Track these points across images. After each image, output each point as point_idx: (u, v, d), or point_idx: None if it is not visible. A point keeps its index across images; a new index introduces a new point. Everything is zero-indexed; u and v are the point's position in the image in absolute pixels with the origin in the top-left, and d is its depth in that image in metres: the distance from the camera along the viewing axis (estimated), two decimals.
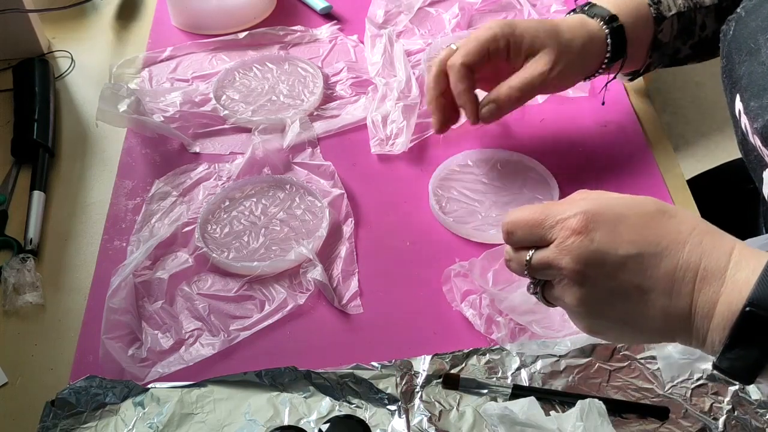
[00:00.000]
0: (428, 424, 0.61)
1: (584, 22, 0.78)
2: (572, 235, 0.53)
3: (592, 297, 0.53)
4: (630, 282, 0.51)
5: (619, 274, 0.52)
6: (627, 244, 0.52)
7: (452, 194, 0.80)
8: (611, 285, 0.52)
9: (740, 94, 0.67)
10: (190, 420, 0.62)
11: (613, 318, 0.53)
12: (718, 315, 0.49)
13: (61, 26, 1.06)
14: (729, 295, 0.49)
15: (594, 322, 0.55)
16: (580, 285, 0.53)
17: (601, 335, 0.56)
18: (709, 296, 0.50)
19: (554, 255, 0.53)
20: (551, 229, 0.54)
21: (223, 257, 0.74)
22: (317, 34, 1.02)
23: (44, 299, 0.73)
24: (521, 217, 0.56)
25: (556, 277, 0.55)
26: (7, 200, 0.82)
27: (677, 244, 0.51)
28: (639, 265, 0.51)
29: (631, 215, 0.53)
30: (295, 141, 0.85)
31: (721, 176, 1.00)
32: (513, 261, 0.58)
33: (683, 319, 0.51)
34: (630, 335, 0.55)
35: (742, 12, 0.69)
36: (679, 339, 0.53)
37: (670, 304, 0.51)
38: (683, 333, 0.52)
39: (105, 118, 0.85)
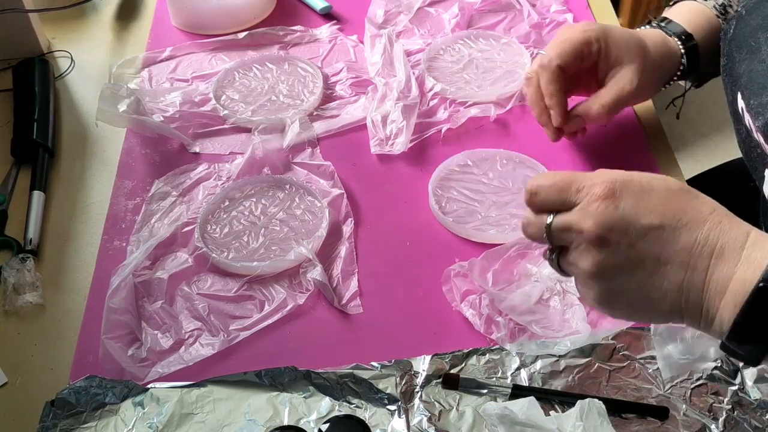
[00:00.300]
0: (428, 424, 0.61)
1: (665, 40, 0.79)
2: (598, 200, 0.53)
3: (610, 263, 0.53)
4: (649, 252, 0.52)
5: (640, 243, 0.52)
6: (651, 214, 0.52)
7: (452, 194, 0.80)
8: (630, 253, 0.52)
9: (741, 92, 0.67)
10: (189, 420, 0.62)
11: (625, 288, 0.53)
12: (731, 292, 0.50)
13: (61, 26, 1.06)
14: (744, 273, 0.50)
15: (605, 292, 0.54)
16: (599, 250, 0.53)
17: (609, 308, 0.55)
18: (723, 273, 0.50)
19: (577, 218, 0.54)
20: (577, 193, 0.54)
21: (222, 257, 0.74)
22: (317, 34, 1.02)
23: (44, 299, 0.73)
24: (547, 180, 0.56)
25: (574, 241, 0.54)
26: (7, 200, 0.82)
27: (698, 221, 0.52)
28: (659, 236, 0.52)
29: (656, 188, 0.53)
30: (294, 141, 0.85)
31: (720, 176, 1.00)
32: (531, 225, 0.57)
33: (696, 294, 0.51)
34: (639, 308, 0.54)
35: (743, 10, 0.69)
36: (687, 317, 0.53)
37: (684, 277, 0.51)
38: (693, 310, 0.52)
39: (105, 118, 0.85)
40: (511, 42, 0.97)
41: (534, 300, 0.69)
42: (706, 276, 0.51)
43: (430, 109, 0.90)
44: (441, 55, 0.97)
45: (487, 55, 0.96)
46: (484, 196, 0.79)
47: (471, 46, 0.98)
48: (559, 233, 0.55)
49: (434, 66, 0.95)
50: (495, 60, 0.95)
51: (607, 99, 0.76)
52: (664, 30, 0.79)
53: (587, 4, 1.04)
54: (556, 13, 1.02)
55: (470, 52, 0.97)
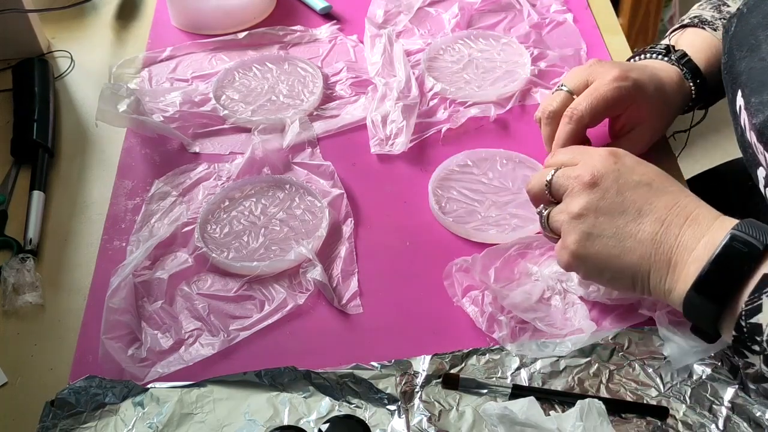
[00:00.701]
0: (428, 424, 0.61)
1: (681, 83, 0.78)
2: (600, 156, 0.62)
3: (596, 205, 0.60)
4: (633, 202, 0.59)
5: (627, 192, 0.60)
6: (643, 175, 0.61)
7: (452, 194, 0.80)
8: (616, 199, 0.59)
9: (741, 90, 0.67)
10: (189, 420, 0.62)
11: (604, 232, 0.59)
12: (701, 247, 0.56)
13: (61, 26, 1.06)
14: (714, 233, 0.56)
15: (584, 235, 0.60)
16: (590, 192, 0.60)
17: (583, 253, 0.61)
18: (695, 233, 0.57)
19: (578, 168, 0.62)
20: (583, 153, 0.64)
21: (222, 257, 0.74)
22: (317, 34, 1.02)
23: (44, 299, 0.72)
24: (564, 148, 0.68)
25: (569, 187, 0.62)
26: (7, 200, 0.82)
27: (682, 192, 0.61)
28: (646, 192, 0.60)
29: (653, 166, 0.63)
30: (294, 141, 0.85)
31: (720, 176, 1.00)
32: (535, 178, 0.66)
33: (666, 247, 0.57)
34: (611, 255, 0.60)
35: (744, 8, 0.69)
36: (653, 269, 0.58)
37: (659, 231, 0.58)
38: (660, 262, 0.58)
39: (105, 118, 0.85)
40: (511, 42, 0.97)
41: (535, 299, 0.69)
42: (679, 232, 0.57)
43: (430, 109, 0.90)
44: (441, 55, 0.97)
45: (487, 55, 0.96)
46: (484, 196, 0.79)
47: (471, 46, 0.98)
48: (558, 181, 0.63)
49: (434, 66, 0.95)
50: (495, 60, 0.95)
51: None
52: (683, 70, 0.78)
53: (587, 4, 1.04)
54: (556, 13, 1.02)
55: (470, 52, 0.97)
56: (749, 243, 0.53)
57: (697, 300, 0.55)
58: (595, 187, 0.60)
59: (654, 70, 0.77)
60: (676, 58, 0.79)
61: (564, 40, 0.98)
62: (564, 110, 0.74)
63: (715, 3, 0.83)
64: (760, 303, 0.52)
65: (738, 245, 0.54)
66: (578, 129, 0.73)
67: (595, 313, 0.68)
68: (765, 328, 0.52)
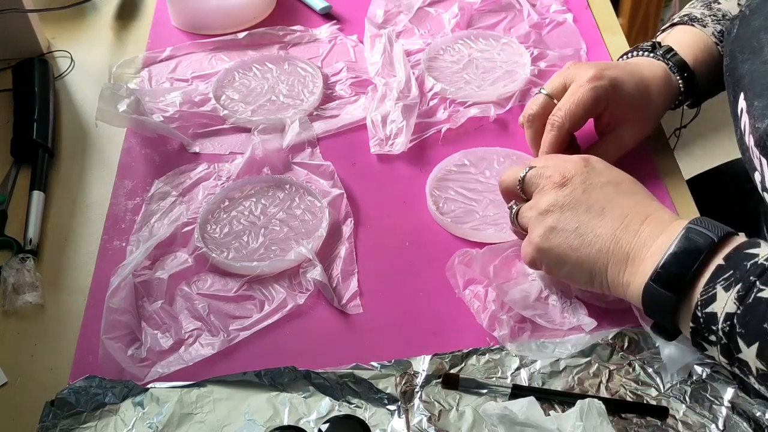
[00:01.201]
0: (428, 424, 0.61)
1: (667, 77, 0.78)
2: (572, 159, 0.66)
3: (563, 201, 0.63)
4: (597, 200, 0.62)
5: (593, 191, 0.63)
6: (611, 178, 0.64)
7: (449, 194, 0.80)
8: (582, 197, 0.63)
9: (744, 93, 0.67)
10: (189, 420, 0.62)
11: (567, 226, 0.62)
12: (658, 244, 0.58)
13: (61, 26, 1.06)
14: (672, 231, 0.59)
15: (549, 229, 0.63)
16: (559, 189, 0.63)
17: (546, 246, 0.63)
18: (654, 231, 0.60)
19: (550, 168, 0.65)
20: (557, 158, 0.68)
21: (222, 257, 0.74)
22: (317, 34, 1.02)
23: (44, 299, 0.72)
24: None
25: (540, 185, 0.65)
26: (7, 200, 0.82)
27: (647, 197, 0.64)
28: (611, 192, 0.63)
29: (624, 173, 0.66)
30: (294, 141, 0.85)
31: (720, 176, 1.00)
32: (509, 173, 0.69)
33: (626, 241, 0.60)
34: (571, 247, 0.62)
35: (746, 11, 0.69)
36: (611, 266, 0.61)
37: (618, 226, 0.61)
38: (620, 257, 0.60)
39: (105, 118, 0.85)
40: (511, 42, 0.97)
41: (533, 297, 0.69)
42: (639, 229, 0.60)
43: (429, 109, 0.90)
44: (441, 55, 0.97)
45: (487, 55, 0.96)
46: (481, 195, 0.79)
47: (471, 46, 0.98)
48: (530, 179, 0.66)
49: (434, 66, 0.95)
50: (495, 60, 0.95)
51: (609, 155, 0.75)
52: (668, 64, 0.79)
53: (587, 4, 1.04)
54: (556, 13, 1.02)
55: (470, 52, 0.97)
56: (704, 235, 0.56)
57: (655, 291, 0.57)
58: (564, 186, 0.63)
59: (636, 67, 0.78)
60: (661, 53, 0.80)
61: (564, 40, 0.98)
62: (543, 113, 0.77)
63: (706, 1, 0.84)
64: (714, 292, 0.54)
65: (694, 237, 0.56)
66: (561, 135, 0.75)
67: (594, 312, 0.68)
68: (720, 316, 0.54)
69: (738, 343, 0.53)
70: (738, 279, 0.54)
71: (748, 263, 0.54)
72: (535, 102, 0.78)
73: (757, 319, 0.52)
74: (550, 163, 0.67)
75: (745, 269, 0.54)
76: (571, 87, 0.76)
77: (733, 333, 0.53)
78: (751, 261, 0.54)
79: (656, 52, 0.80)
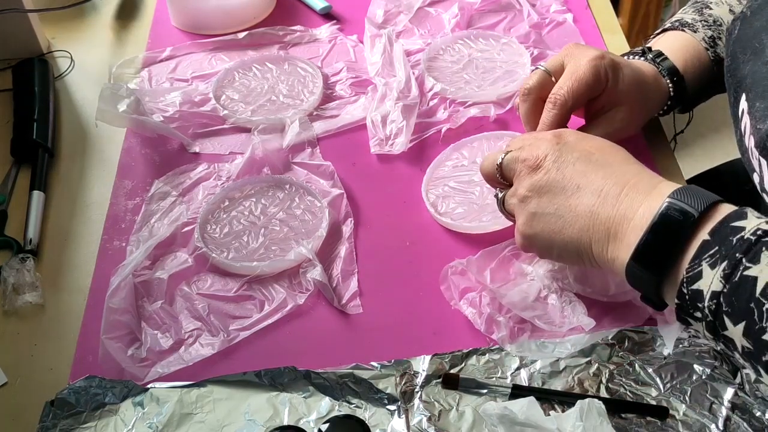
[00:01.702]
0: (428, 424, 0.61)
1: (657, 79, 0.78)
2: (545, 138, 0.64)
3: (539, 184, 0.62)
4: (570, 178, 0.61)
5: (566, 169, 0.62)
6: (583, 151, 0.62)
7: (445, 191, 0.80)
8: (557, 176, 0.62)
9: (745, 94, 0.67)
10: (189, 420, 0.62)
11: (547, 210, 0.62)
12: (638, 216, 0.57)
13: (61, 26, 1.06)
14: (652, 201, 0.57)
15: (531, 215, 0.63)
16: (534, 173, 0.63)
17: (531, 232, 0.63)
18: (632, 201, 0.58)
19: (524, 151, 0.64)
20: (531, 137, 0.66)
21: (222, 257, 0.74)
22: (317, 34, 1.02)
23: (44, 299, 0.73)
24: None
25: (515, 171, 0.65)
26: (7, 200, 0.82)
27: (624, 163, 0.62)
28: (584, 167, 0.61)
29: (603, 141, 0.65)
30: (294, 141, 0.85)
31: (720, 176, 1.00)
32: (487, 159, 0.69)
33: (604, 217, 0.59)
34: (554, 231, 0.62)
35: (748, 12, 0.69)
36: (593, 240, 0.60)
37: (595, 202, 0.59)
38: (599, 232, 0.59)
39: (105, 118, 0.85)
40: (511, 42, 0.97)
41: (532, 298, 0.69)
42: (616, 202, 0.58)
43: (429, 109, 0.90)
44: (441, 55, 0.97)
45: (487, 55, 0.96)
46: (477, 186, 0.79)
47: (471, 46, 0.98)
48: (507, 165, 0.66)
49: (434, 66, 0.95)
50: (495, 60, 0.95)
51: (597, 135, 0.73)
52: (659, 68, 0.79)
53: (587, 4, 1.04)
54: (556, 13, 1.02)
55: (470, 52, 0.97)
56: (684, 211, 0.54)
57: (637, 270, 0.56)
58: (539, 169, 0.62)
59: (632, 62, 0.79)
60: (651, 57, 0.80)
61: (564, 40, 0.98)
62: (539, 88, 0.76)
63: (698, 6, 0.84)
64: (701, 269, 0.53)
65: (674, 213, 0.55)
66: (562, 113, 0.74)
67: (594, 312, 0.68)
68: (706, 294, 0.53)
69: (724, 321, 0.52)
70: (724, 256, 0.52)
71: (734, 238, 0.52)
72: (533, 77, 0.77)
73: (744, 297, 0.51)
74: (525, 144, 0.65)
75: (731, 245, 0.52)
76: (570, 65, 0.75)
77: (719, 311, 0.52)
78: (737, 236, 0.52)
79: (646, 57, 0.80)
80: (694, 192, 0.56)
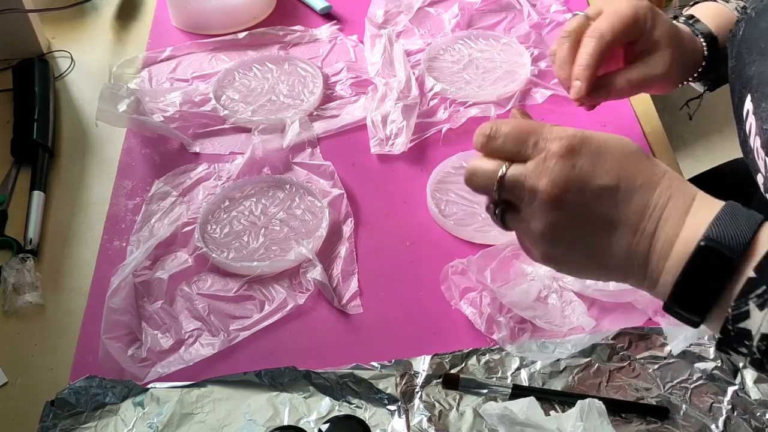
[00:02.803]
0: (428, 424, 0.61)
1: (692, 38, 0.77)
2: (555, 157, 0.52)
3: (563, 224, 0.53)
4: (603, 214, 0.52)
5: (594, 204, 0.52)
6: (606, 175, 0.52)
7: (450, 197, 0.80)
8: (583, 215, 0.52)
9: (751, 95, 0.67)
10: (189, 420, 0.62)
11: (576, 248, 0.54)
12: (675, 254, 0.51)
13: (61, 26, 1.06)
14: (686, 235, 0.51)
15: (554, 251, 0.54)
16: (553, 211, 0.52)
17: (555, 263, 0.56)
18: (668, 237, 0.51)
19: (532, 174, 0.52)
20: (534, 146, 0.53)
21: (222, 257, 0.74)
22: (317, 34, 1.02)
23: (44, 299, 0.73)
24: (506, 126, 0.53)
25: (526, 198, 0.53)
26: (7, 200, 0.82)
27: (650, 183, 0.52)
28: (613, 198, 0.52)
29: (612, 148, 0.53)
30: (294, 141, 0.85)
31: (721, 176, 1.00)
32: (480, 174, 0.55)
33: (641, 257, 0.52)
34: (587, 268, 0.55)
35: (752, 13, 0.69)
36: (632, 279, 0.54)
37: (633, 241, 0.52)
38: (637, 271, 0.53)
39: (105, 118, 0.85)
40: (511, 42, 0.97)
41: (532, 297, 0.69)
42: (653, 239, 0.52)
43: (430, 109, 0.90)
44: (441, 55, 0.97)
45: (487, 55, 0.96)
46: (482, 198, 0.79)
47: (471, 46, 0.98)
48: (510, 187, 0.54)
49: (434, 66, 0.95)
50: (495, 60, 0.95)
51: (635, 76, 0.73)
52: (692, 28, 0.78)
53: (587, 4, 1.04)
54: (556, 13, 1.02)
55: (470, 52, 0.97)
56: (721, 253, 0.49)
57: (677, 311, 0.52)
58: (559, 206, 0.52)
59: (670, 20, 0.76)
60: (683, 20, 0.79)
61: None
62: (580, 31, 0.72)
63: None
64: (747, 309, 0.49)
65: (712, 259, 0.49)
66: (601, 46, 0.70)
67: (594, 312, 0.68)
68: (755, 334, 0.49)
69: None
70: None
71: None
72: (573, 21, 0.74)
73: None
74: (525, 150, 0.53)
75: None
76: (609, 6, 0.72)
77: None
78: None
79: (678, 20, 0.79)
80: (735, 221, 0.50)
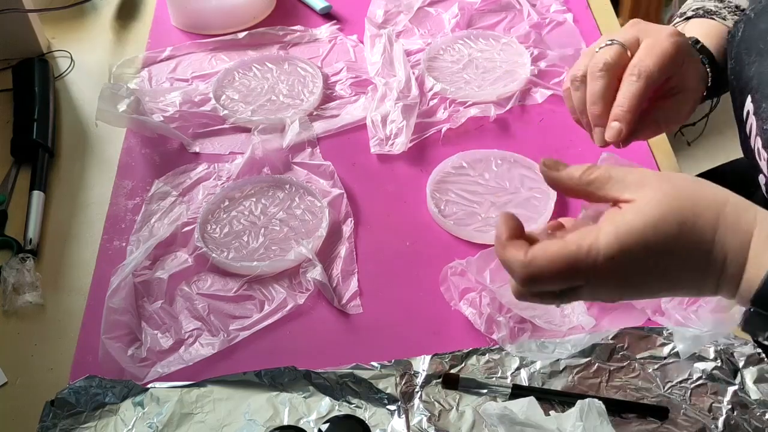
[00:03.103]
0: (428, 424, 0.61)
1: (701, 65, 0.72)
2: (605, 272, 0.49)
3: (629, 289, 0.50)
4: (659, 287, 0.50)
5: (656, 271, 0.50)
6: (656, 279, 0.50)
7: (450, 197, 0.80)
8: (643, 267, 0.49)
9: (751, 95, 0.67)
10: (189, 420, 0.62)
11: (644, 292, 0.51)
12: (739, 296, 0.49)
13: (61, 26, 1.06)
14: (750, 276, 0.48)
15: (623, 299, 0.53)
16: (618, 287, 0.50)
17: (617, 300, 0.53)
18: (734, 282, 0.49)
19: (588, 291, 0.51)
20: (582, 274, 0.50)
21: (222, 257, 0.74)
22: (317, 34, 1.02)
23: (44, 299, 0.72)
24: (545, 262, 0.50)
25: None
26: (7, 200, 0.82)
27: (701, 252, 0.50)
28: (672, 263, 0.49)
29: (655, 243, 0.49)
30: (294, 141, 0.85)
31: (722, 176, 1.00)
32: (533, 297, 0.53)
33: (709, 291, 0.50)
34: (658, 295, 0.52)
35: (752, 14, 0.69)
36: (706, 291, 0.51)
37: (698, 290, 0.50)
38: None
39: (105, 118, 0.85)
40: (511, 42, 0.97)
41: None
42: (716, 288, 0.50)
43: (430, 109, 0.90)
44: (441, 55, 0.97)
45: (487, 55, 0.96)
46: (482, 197, 0.79)
47: (471, 46, 0.98)
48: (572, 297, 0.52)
49: (434, 66, 0.95)
50: (495, 60, 0.95)
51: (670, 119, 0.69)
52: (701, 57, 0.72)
53: (587, 4, 1.04)
54: (556, 13, 1.02)
55: (470, 52, 0.97)
56: None
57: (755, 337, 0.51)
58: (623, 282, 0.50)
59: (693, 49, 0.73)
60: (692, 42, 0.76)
61: (564, 40, 0.98)
62: (618, 64, 0.65)
63: None
64: None
65: None
66: (647, 86, 0.64)
67: (594, 311, 0.68)
68: None
69: None
70: None
71: None
72: (609, 51, 0.65)
73: None
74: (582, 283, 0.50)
75: None
76: (647, 39, 0.65)
77: None
78: None
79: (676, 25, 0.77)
80: None
